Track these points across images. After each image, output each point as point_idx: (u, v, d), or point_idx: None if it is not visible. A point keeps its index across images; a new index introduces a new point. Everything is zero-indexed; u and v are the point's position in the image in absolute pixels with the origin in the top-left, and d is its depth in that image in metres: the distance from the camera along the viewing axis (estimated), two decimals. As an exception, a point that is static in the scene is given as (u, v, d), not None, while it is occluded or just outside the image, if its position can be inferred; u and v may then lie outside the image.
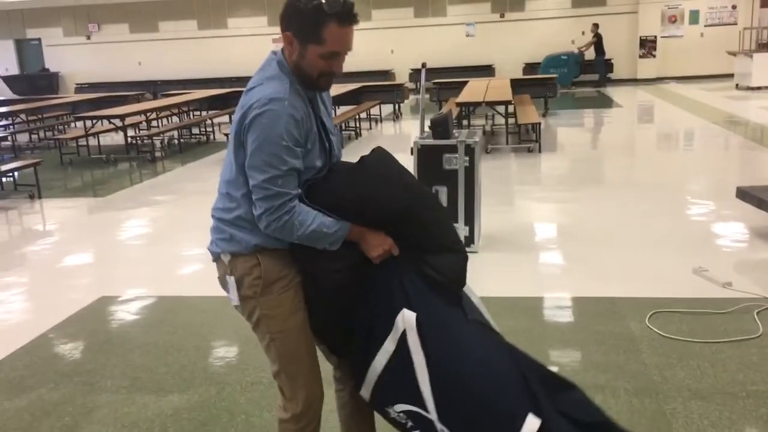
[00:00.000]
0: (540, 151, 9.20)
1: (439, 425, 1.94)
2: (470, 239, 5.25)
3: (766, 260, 4.79)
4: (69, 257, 5.71)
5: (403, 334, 1.97)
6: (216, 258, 2.20)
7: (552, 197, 6.88)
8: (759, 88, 14.53)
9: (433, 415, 1.94)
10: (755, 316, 3.78)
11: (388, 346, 2.00)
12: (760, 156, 8.36)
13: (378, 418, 2.27)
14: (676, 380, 3.18)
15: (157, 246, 5.94)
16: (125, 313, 4.39)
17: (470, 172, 5.15)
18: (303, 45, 1.97)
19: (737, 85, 15.35)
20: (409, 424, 2.01)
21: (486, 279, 4.69)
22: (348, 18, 1.94)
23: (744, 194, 5.27)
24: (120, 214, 7.13)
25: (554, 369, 3.35)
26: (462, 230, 5.21)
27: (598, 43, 16.40)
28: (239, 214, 2.07)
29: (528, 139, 9.91)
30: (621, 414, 2.91)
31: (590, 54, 16.54)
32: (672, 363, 3.34)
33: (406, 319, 1.97)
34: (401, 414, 2.02)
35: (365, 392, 2.11)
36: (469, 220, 5.23)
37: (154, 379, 3.46)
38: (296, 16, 1.95)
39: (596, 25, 16.66)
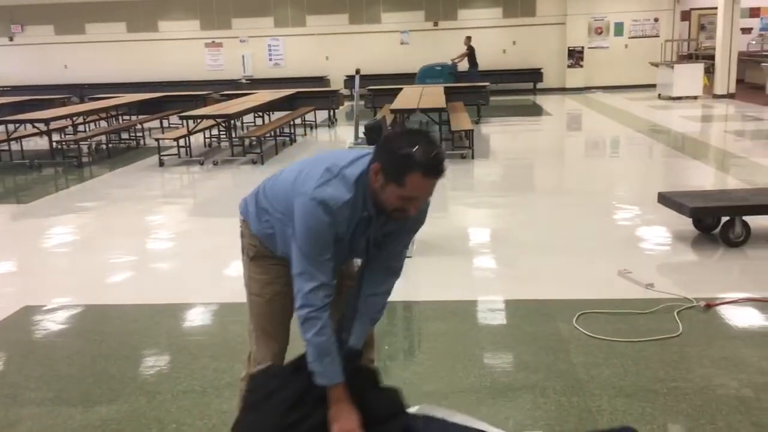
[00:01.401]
0: (473, 158, 9.35)
1: None
2: (404, 244, 5.30)
3: (686, 262, 5.00)
4: (-10, 266, 5.49)
5: None
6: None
7: (485, 203, 7.01)
8: (680, 98, 15.15)
9: None
10: (675, 315, 3.95)
11: None
12: (681, 163, 8.73)
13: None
14: (601, 378, 3.29)
15: (84, 254, 5.77)
16: (50, 323, 4.25)
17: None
18: (386, 181, 2.03)
19: (659, 95, 15.97)
20: None
21: (420, 284, 4.75)
22: (434, 171, 2.01)
23: (665, 199, 5.49)
24: (45, 221, 6.90)
25: (490, 366, 3.43)
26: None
27: (471, 55, 16.73)
28: (267, 217, 2.32)
29: (461, 146, 10.06)
30: (550, 413, 2.99)
31: (464, 65, 16.83)
32: (598, 362, 3.46)
33: None
34: None
35: None
36: (403, 226, 5.28)
37: (80, 390, 3.36)
38: (387, 154, 2.02)
39: (469, 38, 16.96)
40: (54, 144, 10.35)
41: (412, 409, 2.35)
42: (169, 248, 5.90)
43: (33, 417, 3.10)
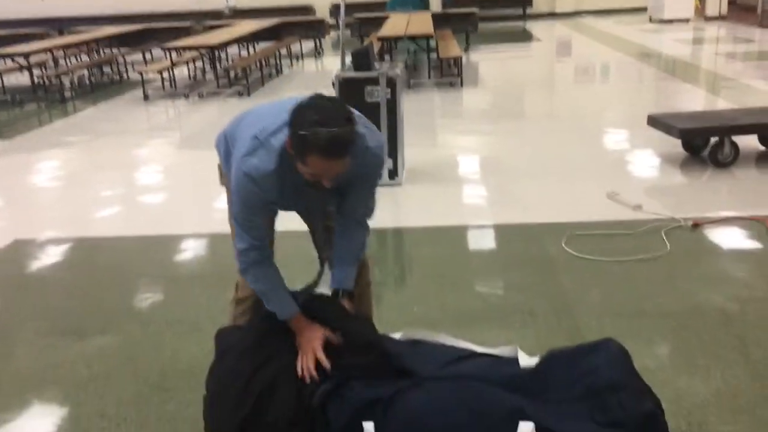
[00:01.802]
0: (462, 86, 9.25)
1: None
2: (394, 172, 5.29)
3: (675, 183, 5.02)
4: (-23, 202, 5.45)
5: None
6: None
7: (474, 130, 6.97)
8: (671, 21, 14.92)
9: None
10: (663, 235, 3.99)
11: None
12: (671, 86, 8.66)
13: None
14: (589, 297, 3.34)
15: (72, 188, 5.74)
16: (42, 256, 4.26)
17: (392, 105, 5.15)
18: (294, 156, 1.96)
19: (651, 17, 15.72)
20: None
21: (409, 210, 4.76)
22: (333, 154, 1.89)
23: (654, 121, 5.47)
24: (30, 156, 6.82)
25: (480, 289, 3.48)
26: (386, 163, 5.24)
27: None
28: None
29: (450, 74, 9.93)
30: (539, 331, 3.05)
31: None
32: (586, 281, 3.50)
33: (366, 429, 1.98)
34: None
35: None
36: (392, 153, 5.25)
37: (75, 321, 3.39)
38: (291, 130, 1.93)
39: None
40: (35, 79, 10.14)
41: (396, 335, 2.37)
42: (157, 181, 5.86)
43: (29, 348, 3.14)
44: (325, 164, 1.90)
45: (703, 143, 5.44)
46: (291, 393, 2.07)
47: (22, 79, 11.16)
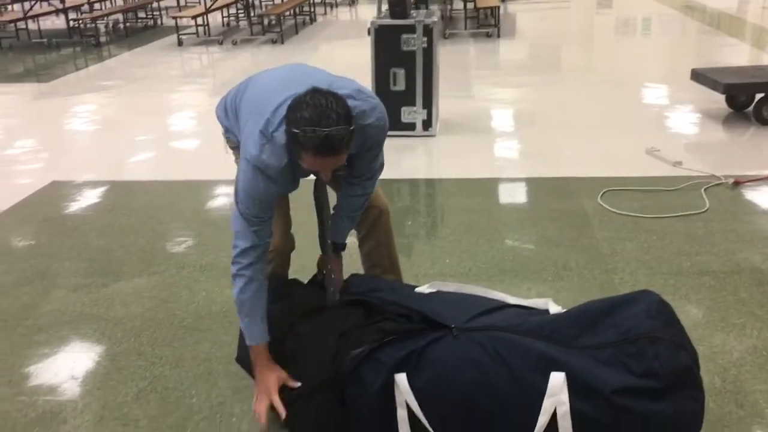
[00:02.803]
0: (498, 37, 9.07)
1: None
2: (428, 123, 5.23)
3: (717, 140, 4.89)
4: (16, 143, 5.53)
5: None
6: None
7: (510, 82, 6.85)
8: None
9: None
10: (702, 192, 3.91)
11: (401, 413, 1.99)
12: (715, 40, 8.40)
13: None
14: (625, 253, 3.30)
15: (107, 132, 5.78)
16: (79, 197, 4.32)
17: (428, 54, 5.07)
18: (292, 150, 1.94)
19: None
20: None
21: (443, 161, 4.72)
22: (325, 152, 1.84)
23: (698, 76, 5.31)
24: (67, 99, 6.88)
25: (513, 241, 3.45)
26: (420, 114, 5.18)
27: None
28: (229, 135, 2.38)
29: (487, 24, 9.74)
30: (572, 284, 3.02)
31: None
32: (622, 237, 3.46)
33: (400, 384, 1.97)
34: None
35: None
36: (427, 104, 5.19)
37: (112, 260, 3.44)
38: (286, 126, 1.90)
39: None
40: (71, 22, 10.17)
41: (426, 286, 2.37)
42: (190, 127, 5.88)
43: (67, 285, 3.20)
44: (319, 162, 1.88)
45: (748, 99, 5.28)
46: (323, 356, 2.08)
47: (58, 22, 11.21)
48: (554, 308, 2.17)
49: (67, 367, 2.57)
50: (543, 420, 1.85)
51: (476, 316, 2.14)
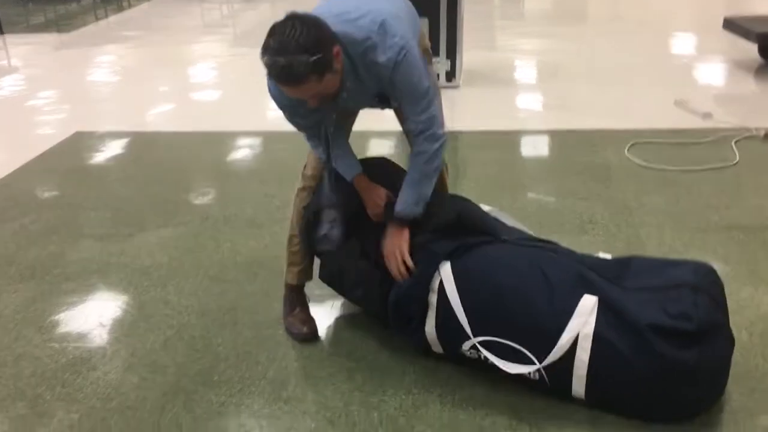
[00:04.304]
0: (523, -15, 8.86)
1: (496, 340, 2.01)
2: (452, 74, 5.15)
3: (748, 92, 4.77)
4: (39, 93, 5.53)
5: (441, 286, 2.08)
6: None
7: (534, 32, 6.70)
8: None
9: (477, 338, 2.04)
10: (733, 144, 3.82)
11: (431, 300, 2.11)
12: (749, -11, 8.13)
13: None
14: (652, 206, 3.25)
15: (128, 82, 5.77)
16: (102, 148, 4.33)
17: (453, 3, 4.96)
18: None
19: None
20: (482, 355, 2.05)
21: (466, 113, 4.65)
22: (284, 81, 1.81)
23: (730, 24, 5.16)
24: (88, 50, 6.86)
25: (537, 194, 3.42)
26: (443, 64, 5.10)
27: None
28: None
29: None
30: (597, 237, 2.99)
31: None
32: (649, 190, 3.40)
33: (443, 270, 2.08)
34: (471, 351, 2.08)
35: (437, 349, 2.19)
36: (451, 54, 5.11)
37: (136, 210, 3.46)
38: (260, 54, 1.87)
39: None
40: (90, -28, 10.07)
41: (485, 208, 2.38)
42: (212, 78, 5.84)
43: (94, 234, 3.23)
44: (287, 90, 1.86)
45: (782, 50, 5.13)
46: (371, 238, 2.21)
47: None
48: (603, 255, 2.17)
49: (96, 314, 2.60)
50: (566, 338, 1.87)
51: (524, 239, 2.20)
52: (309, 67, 1.77)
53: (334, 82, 1.90)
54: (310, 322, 2.43)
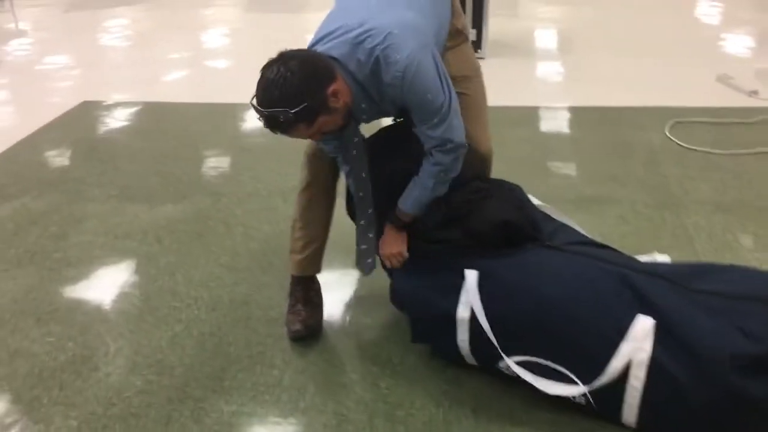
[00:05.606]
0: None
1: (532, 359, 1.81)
2: (477, 44, 4.88)
3: (795, 68, 4.48)
4: (46, 59, 5.32)
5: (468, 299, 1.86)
6: None
7: (568, 0, 6.38)
8: None
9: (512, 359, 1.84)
10: (784, 126, 3.57)
11: (462, 314, 1.88)
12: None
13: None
14: (698, 193, 3.00)
15: (139, 49, 5.53)
16: (110, 119, 4.12)
17: (480, -33, 4.68)
18: None
19: None
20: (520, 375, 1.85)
21: (493, 87, 4.38)
22: (269, 128, 1.72)
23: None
24: (97, 13, 6.61)
25: (573, 177, 3.18)
26: (470, 34, 4.82)
27: None
28: None
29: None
30: (641, 229, 2.76)
31: None
32: (693, 176, 3.16)
33: (468, 278, 1.86)
34: (508, 369, 1.88)
35: (470, 362, 1.98)
36: (477, 23, 4.83)
37: (145, 188, 3.26)
38: None
39: None
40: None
41: (535, 201, 2.16)
42: (225, 45, 5.59)
43: (98, 214, 3.03)
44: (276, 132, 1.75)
45: (832, 22, 4.81)
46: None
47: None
48: (660, 257, 1.95)
49: (98, 306, 2.41)
50: (616, 364, 1.65)
51: (574, 242, 1.95)
52: (293, 117, 1.65)
53: (334, 120, 1.76)
54: (307, 319, 2.20)
